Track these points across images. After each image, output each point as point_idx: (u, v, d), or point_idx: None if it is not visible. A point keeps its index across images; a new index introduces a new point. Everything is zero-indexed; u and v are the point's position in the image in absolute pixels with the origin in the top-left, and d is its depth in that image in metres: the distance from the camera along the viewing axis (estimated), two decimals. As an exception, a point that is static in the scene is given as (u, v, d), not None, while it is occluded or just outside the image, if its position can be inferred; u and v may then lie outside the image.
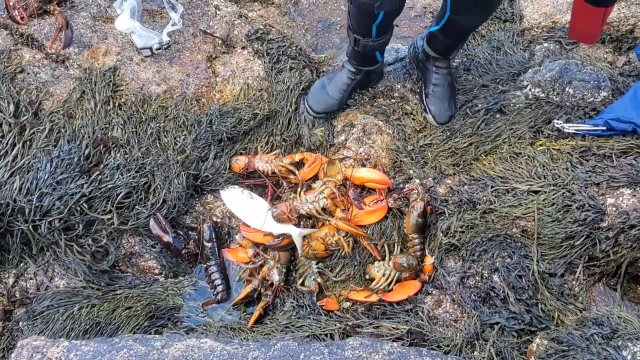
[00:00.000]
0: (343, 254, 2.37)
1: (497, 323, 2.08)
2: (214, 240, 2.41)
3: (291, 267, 2.43)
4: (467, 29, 2.42)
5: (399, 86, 2.70)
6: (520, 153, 2.36)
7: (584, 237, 2.12)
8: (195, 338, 1.41)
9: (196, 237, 2.42)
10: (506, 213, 2.23)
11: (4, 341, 2.30)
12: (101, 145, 2.36)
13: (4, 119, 2.31)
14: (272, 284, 2.32)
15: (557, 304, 2.09)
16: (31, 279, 2.34)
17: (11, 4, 2.50)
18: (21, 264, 2.34)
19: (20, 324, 2.29)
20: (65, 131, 2.36)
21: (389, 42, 2.42)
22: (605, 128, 2.27)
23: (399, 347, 1.35)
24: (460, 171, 2.41)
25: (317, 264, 2.38)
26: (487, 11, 2.28)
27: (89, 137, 2.36)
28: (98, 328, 2.18)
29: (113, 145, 2.37)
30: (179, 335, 1.49)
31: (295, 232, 2.33)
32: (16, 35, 2.54)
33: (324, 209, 2.37)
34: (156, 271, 2.38)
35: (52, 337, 2.12)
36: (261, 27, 2.77)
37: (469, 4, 2.17)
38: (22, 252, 2.31)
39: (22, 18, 2.53)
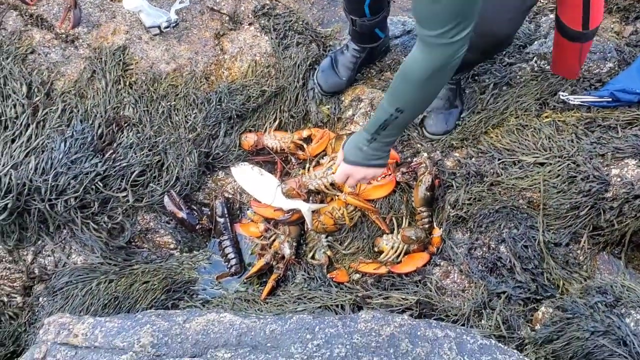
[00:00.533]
0: (346, 227, 2.42)
1: (504, 292, 2.14)
2: (226, 215, 2.47)
3: (301, 241, 2.49)
4: (470, 63, 2.24)
5: (406, 59, 2.70)
6: (527, 125, 2.39)
7: (589, 207, 2.17)
8: (215, 312, 1.47)
9: (209, 213, 2.48)
10: (513, 185, 2.27)
11: (25, 316, 2.38)
12: (114, 125, 2.40)
13: (18, 100, 2.35)
14: (283, 257, 2.38)
15: (562, 272, 2.15)
16: (49, 256, 2.41)
17: (19, -15, 2.52)
18: (39, 242, 2.40)
19: (41, 299, 2.37)
20: (78, 111, 2.40)
21: (386, 19, 2.43)
22: (610, 99, 2.28)
23: (409, 319, 1.41)
24: (467, 144, 2.44)
25: (326, 237, 2.44)
26: (493, 52, 2.21)
27: (101, 116, 2.40)
28: (116, 302, 2.25)
29: (125, 124, 2.41)
30: (200, 310, 1.55)
31: (305, 207, 2.38)
32: (25, 16, 2.56)
33: (332, 184, 2.41)
34: (171, 246, 2.45)
35: (72, 312, 2.20)
36: (267, 2, 2.78)
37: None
38: (39, 230, 2.37)
39: (30, -2, 2.55)
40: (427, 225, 2.35)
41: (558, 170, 2.23)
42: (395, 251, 2.33)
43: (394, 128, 1.79)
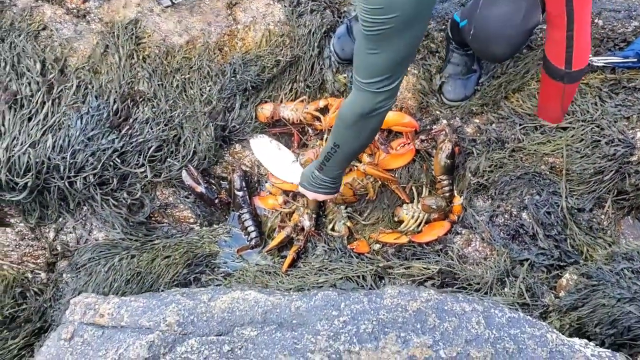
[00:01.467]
0: (368, 198, 2.41)
1: (527, 259, 2.12)
2: (245, 188, 2.46)
3: (321, 213, 2.48)
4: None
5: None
6: (548, 89, 2.33)
7: (613, 171, 2.13)
8: (240, 290, 1.47)
9: (227, 186, 2.47)
10: (534, 150, 2.23)
11: (49, 291, 2.41)
12: (129, 100, 2.38)
13: (32, 77, 2.34)
14: (303, 230, 2.38)
15: (585, 238, 2.12)
16: (71, 232, 2.43)
17: (27, -41, 2.47)
18: (60, 219, 2.42)
19: (64, 275, 2.40)
20: (93, 87, 2.38)
21: None
22: (636, 60, 2.22)
23: (436, 293, 1.40)
24: (487, 110, 2.39)
25: (346, 208, 2.42)
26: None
27: (116, 91, 2.38)
28: (139, 278, 2.27)
29: (140, 99, 2.39)
30: (224, 288, 1.55)
31: None
32: (35, -9, 2.53)
33: (351, 153, 2.38)
34: (191, 220, 2.45)
35: (96, 288, 2.23)
36: (279, -31, 2.71)
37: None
38: (60, 207, 2.38)
39: (39, -27, 2.51)
40: (447, 194, 2.32)
41: (581, 135, 2.19)
42: (416, 220, 2.31)
43: (335, 162, 1.98)
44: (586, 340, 1.39)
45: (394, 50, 1.55)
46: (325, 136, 2.43)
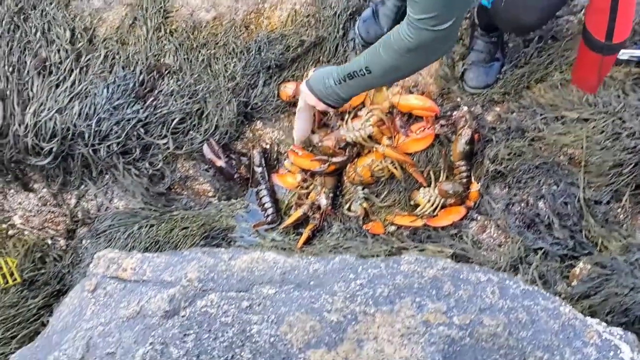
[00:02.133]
0: (388, 180, 2.42)
1: (541, 248, 2.13)
2: (264, 165, 2.49)
3: (338, 193, 2.50)
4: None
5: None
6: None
7: (633, 165, 2.12)
8: (260, 251, 1.50)
9: (247, 162, 2.50)
10: (554, 141, 2.23)
11: (68, 258, 2.46)
12: (154, 72, 2.42)
13: (61, 45, 2.38)
14: (319, 208, 2.40)
15: (601, 230, 2.12)
16: (92, 200, 2.48)
17: None
18: (82, 186, 2.47)
19: (84, 242, 2.45)
20: (120, 57, 2.42)
21: None
22: (661, 55, 2.22)
23: (452, 263, 1.42)
24: (509, 99, 2.40)
25: (363, 189, 2.44)
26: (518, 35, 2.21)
27: (143, 63, 2.42)
28: (157, 246, 2.31)
29: (166, 72, 2.43)
30: (245, 248, 1.59)
31: None
32: (67, -39, 2.57)
33: (370, 136, 2.40)
34: (210, 194, 2.49)
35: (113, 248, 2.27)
36: (308, -50, 2.73)
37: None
38: (82, 174, 2.44)
39: (72, -56, 2.55)
40: (465, 180, 2.34)
41: (602, 127, 2.19)
42: (432, 204, 2.33)
43: (357, 83, 1.91)
44: (598, 319, 1.40)
45: None
46: (346, 117, 2.45)
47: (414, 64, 1.81)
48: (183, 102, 2.39)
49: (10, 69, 2.33)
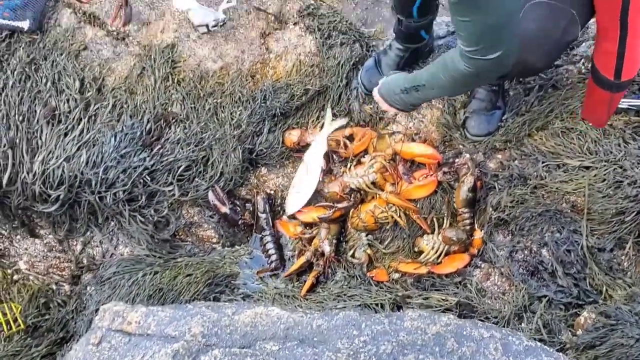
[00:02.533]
0: (392, 227, 2.43)
1: (545, 296, 2.12)
2: (268, 211, 2.51)
3: (342, 239, 2.51)
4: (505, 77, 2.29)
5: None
6: (572, 128, 2.35)
7: (635, 212, 2.13)
8: (263, 306, 1.51)
9: (251, 208, 2.52)
10: (557, 188, 2.25)
11: (72, 303, 2.46)
12: (162, 120, 2.47)
13: (71, 94, 2.44)
14: (323, 255, 2.41)
15: (605, 278, 2.12)
16: (97, 246, 2.50)
17: (74, -17, 2.61)
18: (88, 233, 2.49)
19: (89, 288, 2.46)
20: (128, 106, 2.47)
21: (432, 22, 2.44)
22: (660, 104, 2.25)
23: (455, 319, 1.43)
24: (511, 147, 2.42)
25: (366, 236, 2.45)
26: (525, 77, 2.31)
27: (150, 112, 2.46)
28: (161, 294, 2.32)
29: (173, 120, 2.47)
30: (248, 303, 1.59)
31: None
32: (79, 13, 2.65)
33: (373, 182, 2.43)
34: (214, 240, 2.51)
35: (119, 301, 2.28)
36: (312, 2, 2.80)
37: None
38: (89, 221, 2.47)
39: (84, -3, 2.64)
40: (468, 227, 2.35)
41: (604, 175, 2.21)
42: (436, 251, 2.33)
43: (422, 95, 2.01)
44: (603, 376, 1.40)
45: (482, 18, 1.54)
46: (349, 164, 2.48)
47: (475, 84, 2.07)
48: (189, 149, 2.43)
49: (20, 117, 2.38)
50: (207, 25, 2.59)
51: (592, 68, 1.92)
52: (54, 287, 2.54)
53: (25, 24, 2.51)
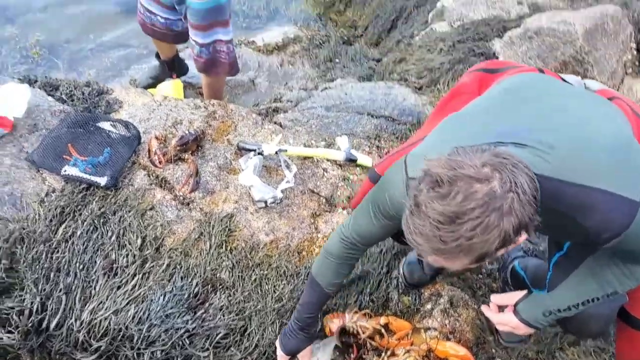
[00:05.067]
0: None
1: None
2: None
3: None
4: None
5: (487, 263, 2.83)
6: (605, 349, 2.40)
7: None
8: None
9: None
10: (588, 411, 2.24)
11: None
12: (209, 285, 2.59)
13: (131, 250, 2.60)
14: None
15: None
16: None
17: (153, 149, 2.90)
18: (120, 388, 2.51)
19: None
20: (180, 268, 2.61)
21: None
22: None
23: None
24: (543, 358, 2.46)
25: None
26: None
27: (200, 276, 2.60)
28: None
29: (220, 287, 2.60)
30: None
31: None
32: (152, 176, 2.90)
33: (404, 377, 2.45)
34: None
35: None
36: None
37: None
38: (122, 375, 2.49)
39: (160, 162, 2.91)
40: None
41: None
42: None
43: (564, 314, 1.90)
44: None
45: None
46: (383, 355, 2.52)
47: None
48: (230, 317, 2.52)
49: (81, 266, 2.53)
50: (265, 201, 2.80)
51: (626, 315, 2.01)
52: None
53: (103, 180, 2.76)
